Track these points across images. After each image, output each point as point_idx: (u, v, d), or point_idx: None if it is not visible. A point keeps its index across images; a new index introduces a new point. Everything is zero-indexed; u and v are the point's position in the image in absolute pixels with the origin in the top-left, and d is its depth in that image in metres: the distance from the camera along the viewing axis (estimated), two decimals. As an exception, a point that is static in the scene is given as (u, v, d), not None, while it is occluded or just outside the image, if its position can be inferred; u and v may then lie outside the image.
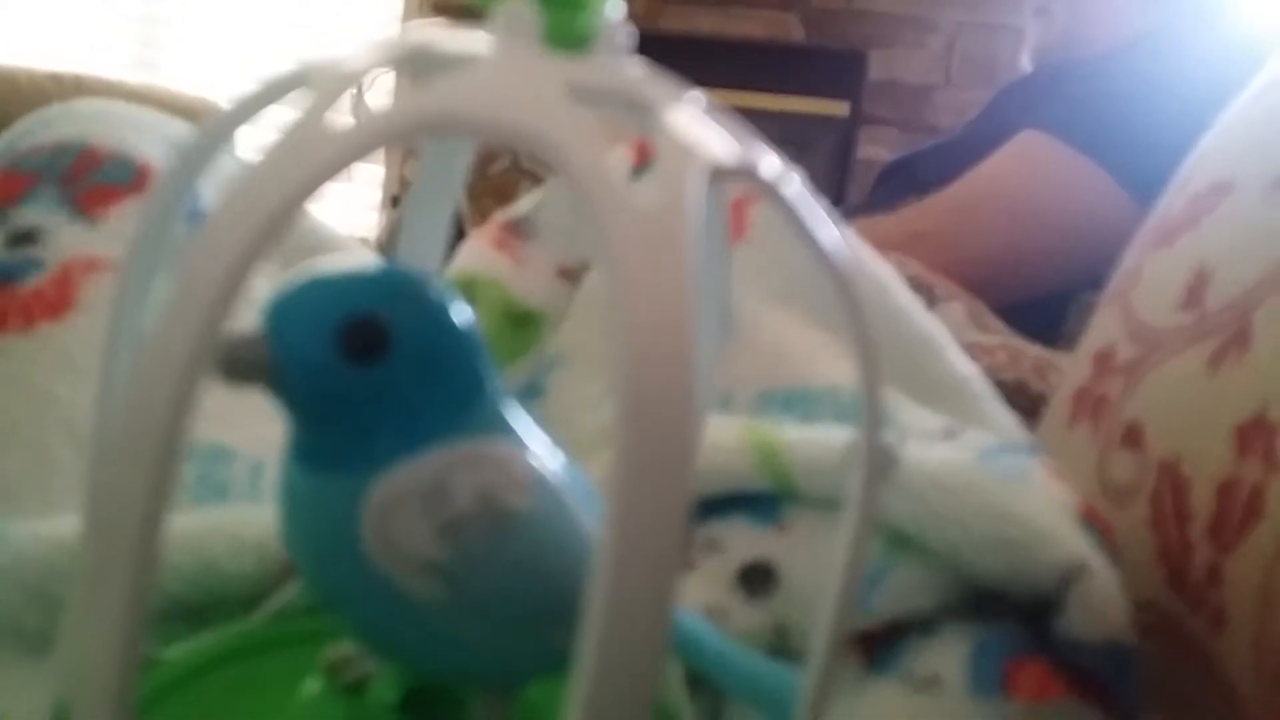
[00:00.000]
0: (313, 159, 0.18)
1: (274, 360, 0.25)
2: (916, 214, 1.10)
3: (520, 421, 0.29)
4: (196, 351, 0.17)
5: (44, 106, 0.54)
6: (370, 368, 0.26)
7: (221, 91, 2.74)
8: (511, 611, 0.28)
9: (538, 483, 0.28)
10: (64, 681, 0.28)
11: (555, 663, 0.27)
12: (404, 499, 0.26)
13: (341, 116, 0.20)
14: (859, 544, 0.26)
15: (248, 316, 0.25)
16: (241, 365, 0.25)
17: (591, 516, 0.29)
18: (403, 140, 0.20)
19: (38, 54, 2.80)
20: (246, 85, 0.24)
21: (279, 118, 0.20)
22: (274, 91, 0.23)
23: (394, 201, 2.18)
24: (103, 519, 0.18)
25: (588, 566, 0.18)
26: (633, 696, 0.18)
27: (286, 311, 0.26)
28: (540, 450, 0.29)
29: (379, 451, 0.26)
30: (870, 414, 0.25)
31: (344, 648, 0.33)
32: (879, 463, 0.26)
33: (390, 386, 0.26)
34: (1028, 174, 1.07)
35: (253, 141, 0.27)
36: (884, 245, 0.77)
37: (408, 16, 3.00)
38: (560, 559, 0.28)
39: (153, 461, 0.17)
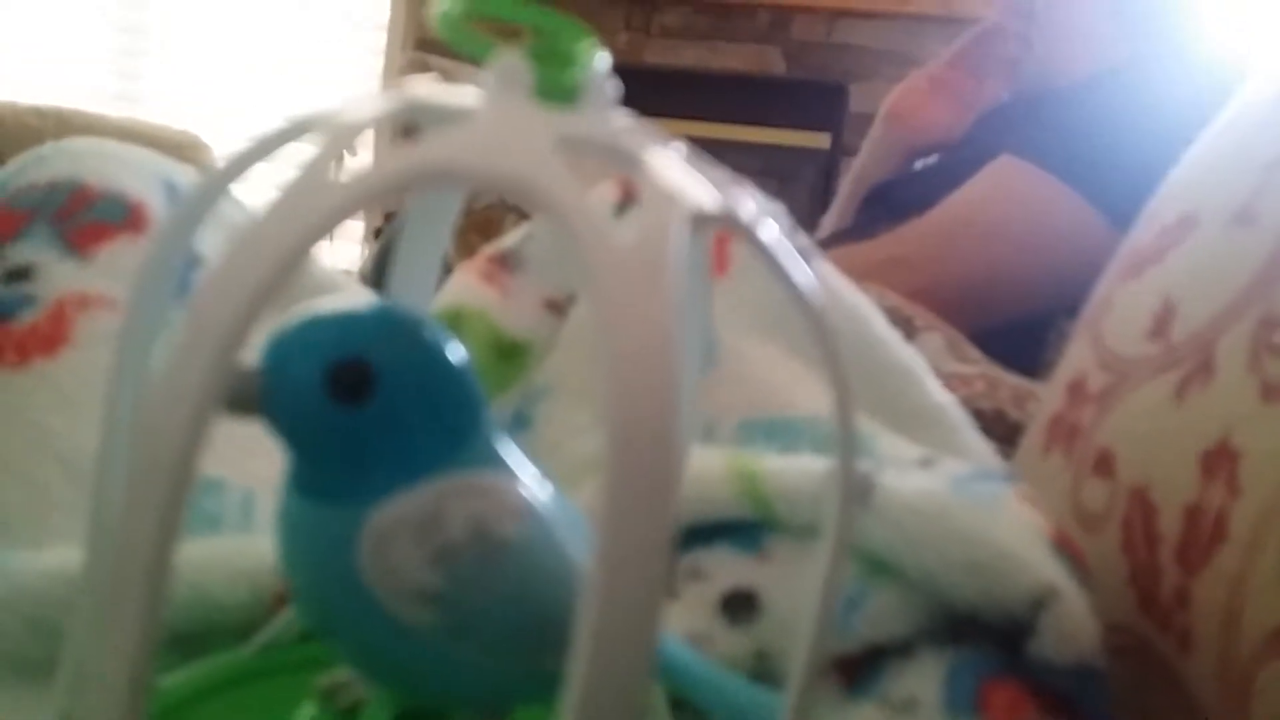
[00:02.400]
0: (318, 208, 0.20)
1: (268, 396, 0.27)
2: (894, 240, 1.11)
3: (511, 454, 0.30)
4: (207, 390, 0.18)
5: (26, 140, 0.55)
6: (358, 408, 0.27)
7: (203, 125, 2.75)
8: (502, 636, 0.29)
9: (528, 512, 0.29)
10: (67, 706, 0.29)
11: (544, 687, 0.28)
12: (399, 528, 0.27)
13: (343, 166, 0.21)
14: (835, 568, 0.27)
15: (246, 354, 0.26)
16: (239, 399, 0.26)
17: (579, 545, 0.30)
18: (403, 190, 0.21)
19: (19, 88, 2.81)
20: (230, 120, 0.25)
21: (279, 166, 0.21)
22: (276, 141, 0.24)
23: (376, 234, 2.20)
24: (117, 548, 0.19)
25: (576, 593, 0.19)
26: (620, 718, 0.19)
27: (280, 351, 0.27)
28: (530, 481, 0.30)
29: (374, 484, 0.27)
30: (845, 444, 0.26)
31: (337, 674, 0.33)
32: (854, 489, 0.27)
33: (380, 424, 0.27)
34: (1005, 199, 1.08)
35: (251, 190, 0.28)
36: (862, 271, 0.79)
37: (390, 52, 3.01)
38: (549, 586, 0.29)
39: (165, 497, 0.18)
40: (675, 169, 0.23)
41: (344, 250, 2.74)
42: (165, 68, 3.12)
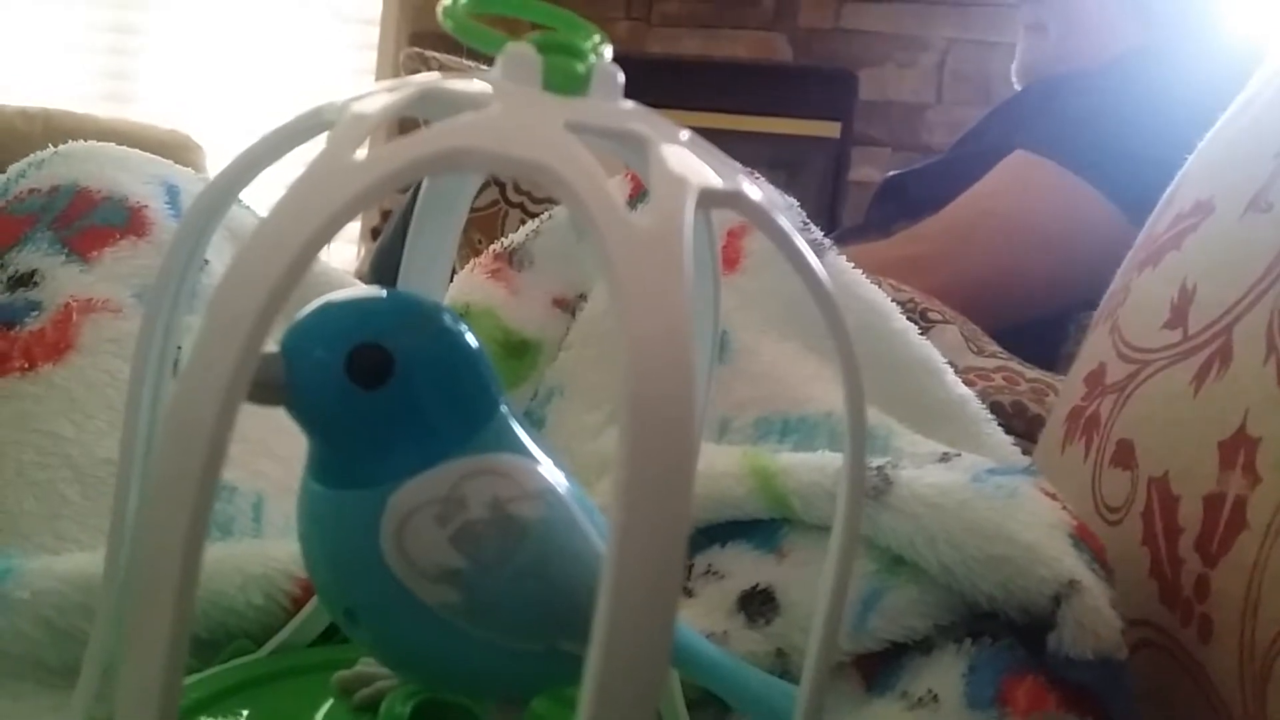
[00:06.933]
0: (339, 192, 0.20)
1: (290, 382, 0.27)
2: (911, 238, 1.10)
3: (529, 437, 0.30)
4: (237, 376, 0.18)
5: (14, 143, 0.55)
6: (377, 391, 0.28)
7: (193, 124, 2.74)
8: (523, 616, 0.29)
9: (548, 494, 0.29)
10: (89, 709, 0.29)
11: (565, 672, 0.28)
12: (420, 509, 0.27)
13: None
14: (846, 554, 0.27)
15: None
16: (261, 386, 0.27)
17: (597, 531, 0.30)
18: (420, 173, 0.21)
19: (6, 90, 2.80)
20: (222, 119, 0.25)
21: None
22: (289, 136, 0.24)
23: (373, 233, 2.20)
24: (149, 539, 0.19)
25: (595, 575, 0.19)
26: (638, 706, 0.19)
27: (300, 338, 0.28)
28: (549, 465, 0.30)
29: (395, 467, 0.28)
30: (855, 421, 0.26)
31: (355, 669, 0.34)
32: (864, 471, 0.27)
33: (400, 407, 0.28)
34: (1021, 195, 1.07)
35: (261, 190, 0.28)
36: (880, 270, 0.78)
37: (383, 46, 3.00)
38: (570, 567, 0.29)
39: (197, 485, 0.18)
40: (682, 152, 0.23)
41: (339, 251, 2.72)
42: (154, 67, 3.08)
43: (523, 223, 0.64)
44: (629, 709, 0.19)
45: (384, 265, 1.28)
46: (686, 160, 0.23)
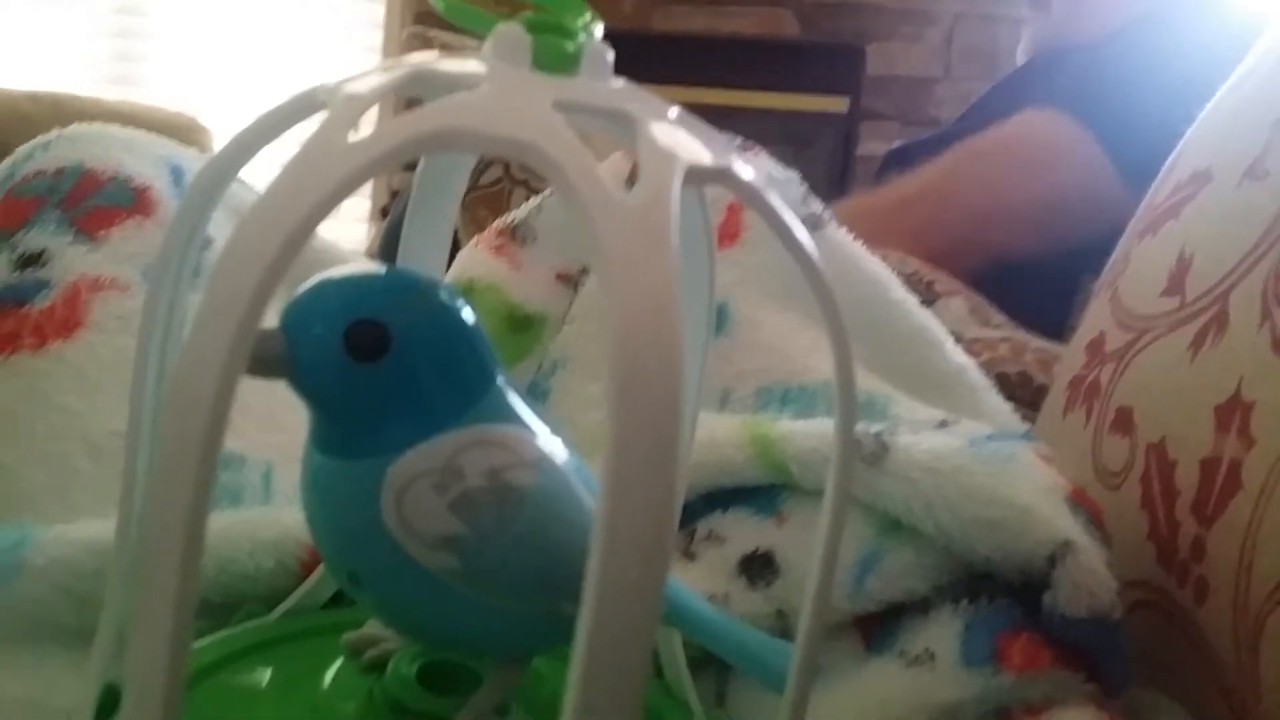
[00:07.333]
0: (331, 172, 0.20)
1: (290, 357, 0.28)
2: (906, 180, 1.12)
3: (526, 409, 0.31)
4: (235, 352, 0.19)
5: (22, 126, 0.56)
6: (376, 365, 0.28)
7: (200, 106, 2.74)
8: (521, 582, 0.30)
9: (543, 462, 0.30)
10: (105, 671, 0.30)
11: (564, 632, 0.29)
12: (419, 478, 0.28)
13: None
14: (838, 515, 0.27)
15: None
16: (262, 360, 0.27)
17: (594, 496, 0.30)
18: (411, 153, 0.22)
19: (14, 73, 2.80)
20: (228, 101, 0.25)
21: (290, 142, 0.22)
22: (284, 117, 0.25)
23: (383, 213, 2.20)
24: (153, 512, 0.19)
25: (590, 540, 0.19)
26: (629, 665, 0.19)
27: (300, 313, 0.29)
28: (545, 434, 0.31)
29: (394, 438, 0.28)
30: (844, 390, 0.27)
31: (363, 631, 0.34)
32: (854, 437, 0.27)
33: (397, 381, 0.29)
34: (1016, 134, 1.08)
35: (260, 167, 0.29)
36: (876, 213, 0.78)
37: (389, 25, 2.99)
38: (565, 532, 0.30)
39: (198, 457, 0.19)
40: (671, 129, 0.24)
41: (349, 230, 2.72)
42: (161, 49, 3.07)
43: (527, 199, 0.64)
44: (618, 673, 0.19)
45: (395, 243, 1.28)
46: (675, 137, 0.23)
